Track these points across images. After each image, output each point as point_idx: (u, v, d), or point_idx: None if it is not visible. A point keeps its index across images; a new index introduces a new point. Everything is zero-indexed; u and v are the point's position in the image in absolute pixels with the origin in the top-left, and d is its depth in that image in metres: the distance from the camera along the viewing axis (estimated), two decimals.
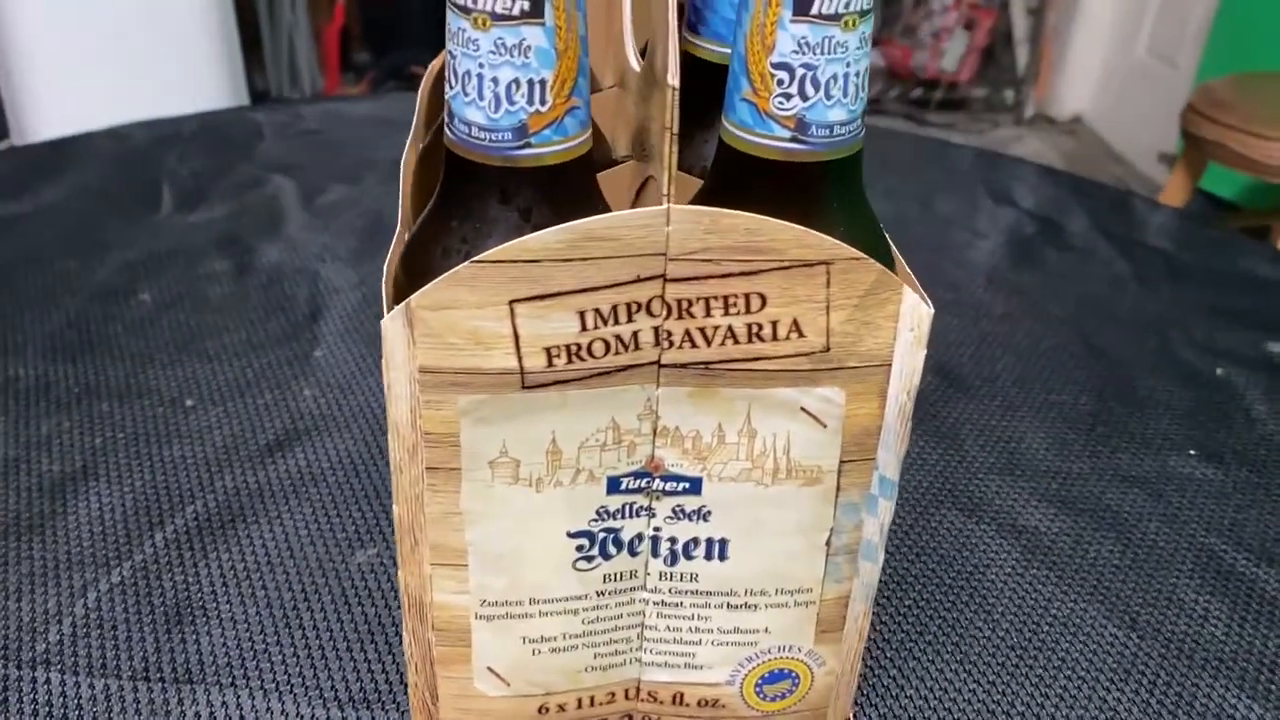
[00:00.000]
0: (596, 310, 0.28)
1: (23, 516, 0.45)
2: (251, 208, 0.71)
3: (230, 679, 0.38)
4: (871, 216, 0.32)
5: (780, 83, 0.28)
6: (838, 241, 0.28)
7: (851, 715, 0.38)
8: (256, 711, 0.37)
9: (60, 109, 1.47)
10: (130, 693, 0.38)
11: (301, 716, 0.37)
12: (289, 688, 0.38)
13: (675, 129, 0.27)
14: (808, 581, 0.34)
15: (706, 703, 0.36)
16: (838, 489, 0.32)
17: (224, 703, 0.38)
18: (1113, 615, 0.43)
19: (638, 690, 0.36)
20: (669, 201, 0.27)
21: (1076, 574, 0.45)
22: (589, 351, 0.29)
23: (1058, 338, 0.61)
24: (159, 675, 0.38)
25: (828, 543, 0.33)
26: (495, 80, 0.27)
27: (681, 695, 0.36)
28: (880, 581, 0.43)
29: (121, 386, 0.54)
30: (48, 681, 0.38)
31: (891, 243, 0.33)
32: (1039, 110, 2.69)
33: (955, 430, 0.53)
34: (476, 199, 0.29)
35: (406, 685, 0.38)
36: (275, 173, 0.75)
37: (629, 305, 0.28)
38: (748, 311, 0.29)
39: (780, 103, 0.28)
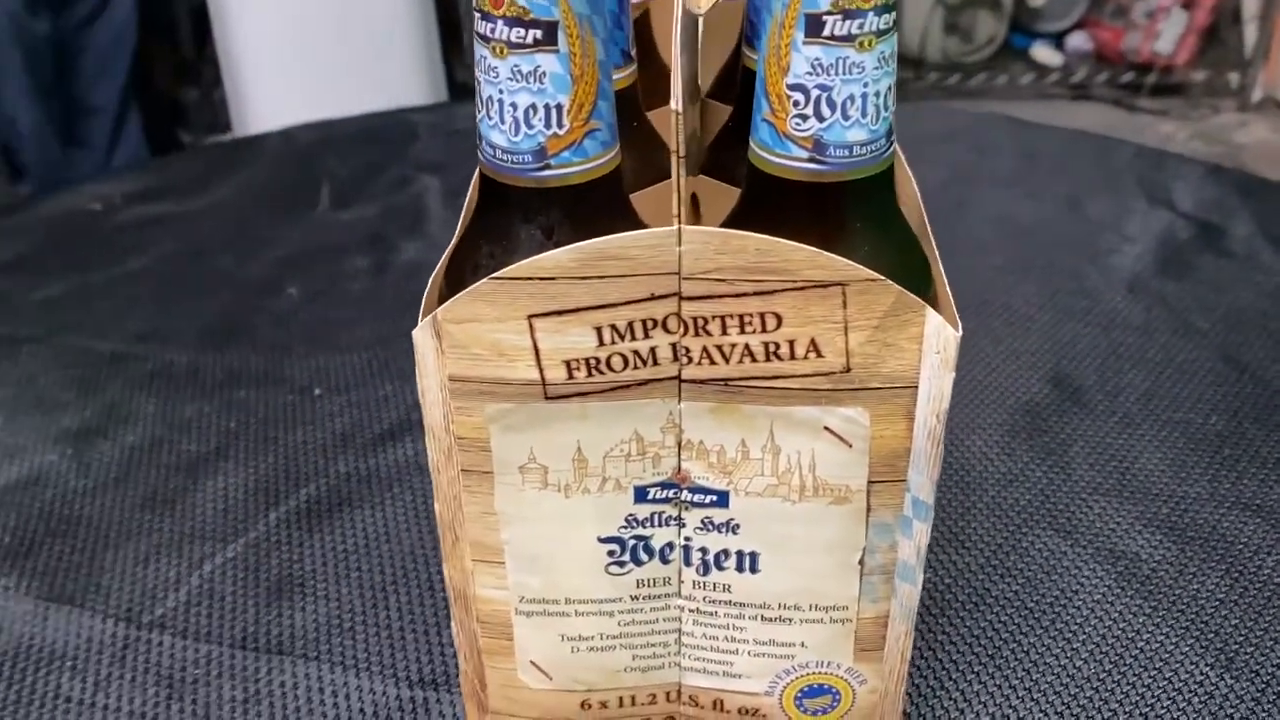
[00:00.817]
0: (613, 326, 0.29)
1: (159, 492, 0.50)
2: (398, 206, 0.75)
3: (315, 653, 0.41)
4: (904, 234, 0.32)
5: (796, 104, 0.28)
6: (851, 263, 0.28)
7: None
8: (334, 685, 0.40)
9: (273, 103, 1.58)
10: (228, 660, 0.41)
11: (374, 693, 0.40)
12: (365, 665, 0.41)
13: (682, 152, 0.27)
14: (843, 599, 0.34)
15: (747, 711, 0.36)
16: (868, 509, 0.32)
17: (306, 674, 0.41)
18: (1207, 652, 0.41)
19: (679, 694, 0.37)
20: (679, 222, 0.28)
21: (1173, 606, 0.43)
22: (608, 365, 0.30)
23: (1197, 352, 0.58)
24: (254, 645, 0.42)
25: (861, 562, 0.33)
26: (514, 105, 0.28)
27: (721, 702, 0.36)
28: (958, 600, 0.42)
29: (260, 374, 0.58)
30: (160, 644, 0.42)
31: (937, 261, 0.33)
32: (1268, 94, 2.49)
33: (1064, 447, 0.51)
34: (503, 217, 0.30)
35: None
36: (424, 172, 0.79)
37: (645, 322, 0.29)
38: (764, 330, 0.29)
39: (797, 123, 0.28)
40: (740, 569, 0.33)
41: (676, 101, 0.27)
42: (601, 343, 0.29)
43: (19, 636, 0.42)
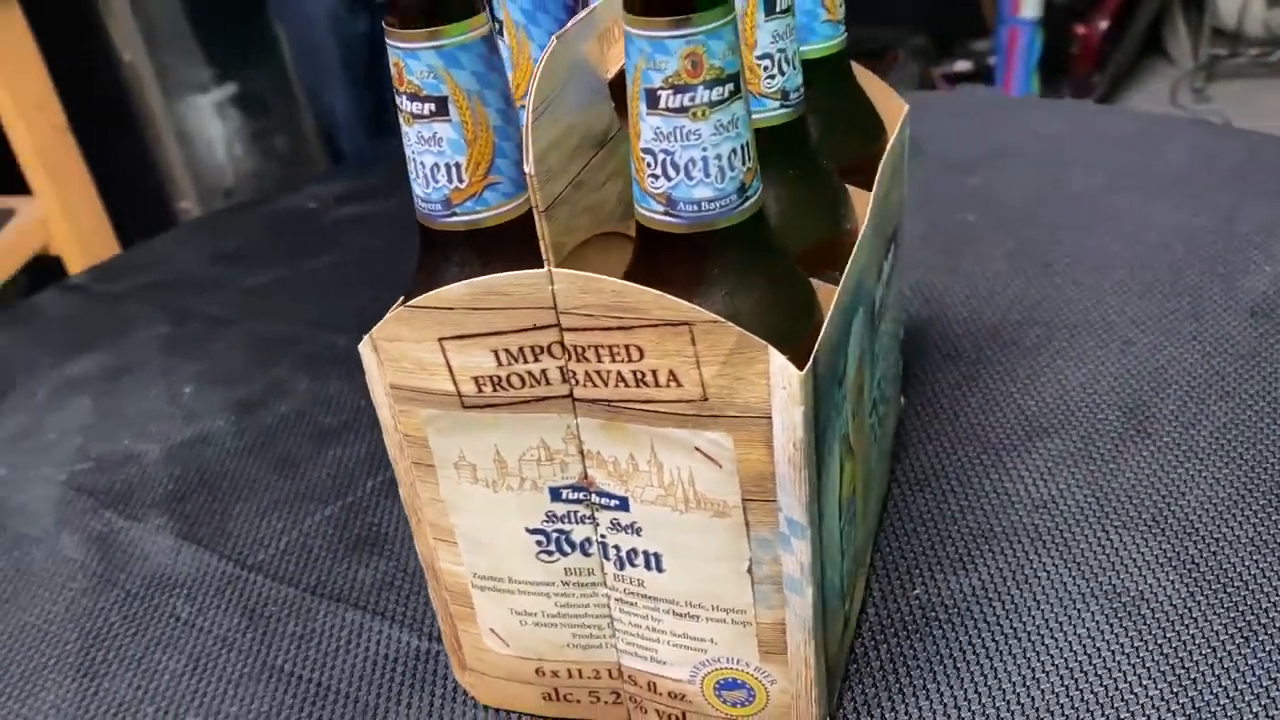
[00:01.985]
0: (506, 350, 0.34)
1: (290, 456, 0.60)
2: None
3: (365, 603, 0.49)
4: (773, 277, 0.34)
5: (649, 165, 0.32)
6: (694, 306, 0.31)
7: None
8: (370, 631, 0.48)
9: None
10: (299, 601, 0.50)
11: (398, 641, 0.47)
12: (400, 617, 0.48)
13: (541, 207, 0.32)
14: (739, 604, 0.37)
15: (675, 695, 0.40)
16: (747, 524, 0.35)
17: (352, 620, 0.48)
18: (1175, 698, 0.40)
19: (620, 672, 0.41)
20: (550, 265, 0.33)
21: (1160, 647, 0.42)
22: (508, 383, 0.35)
23: None
24: (322, 591, 0.50)
25: (750, 571, 0.36)
26: (423, 163, 0.34)
27: (654, 684, 0.40)
28: (940, 618, 0.44)
29: None
30: (254, 583, 0.51)
31: (835, 296, 0.35)
32: None
33: (1110, 478, 0.50)
34: (429, 254, 0.36)
35: None
36: None
37: (533, 348, 0.34)
38: (630, 360, 0.33)
39: (652, 182, 0.32)
40: (649, 567, 0.37)
41: (529, 164, 0.31)
42: (500, 364, 0.34)
43: (156, 566, 0.53)
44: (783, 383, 0.32)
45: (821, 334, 0.34)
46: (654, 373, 0.33)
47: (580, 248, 0.36)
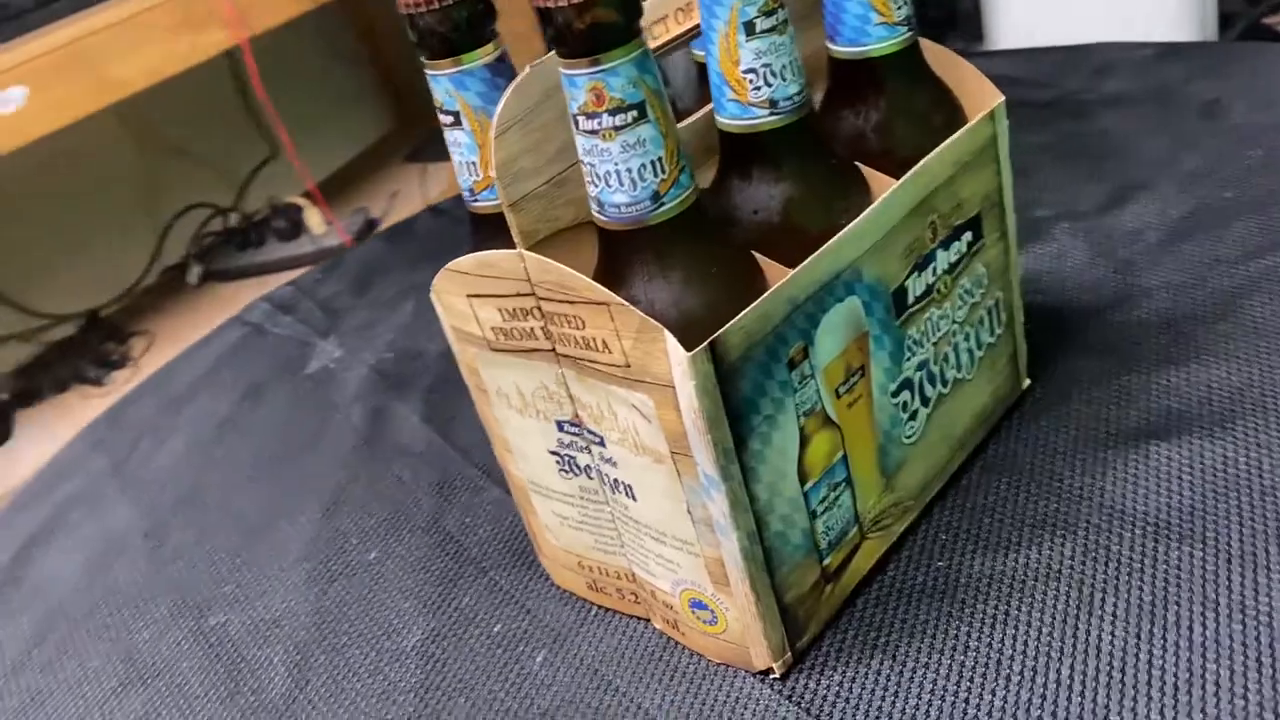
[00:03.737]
0: (507, 309, 0.44)
1: None
2: None
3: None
4: (697, 270, 0.40)
5: (585, 172, 0.39)
6: (607, 290, 0.39)
7: (776, 667, 0.46)
8: (508, 509, 0.60)
9: (1026, 19, 1.64)
10: (475, 479, 0.63)
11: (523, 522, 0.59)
12: None
13: (507, 203, 0.41)
14: (688, 537, 0.44)
15: (668, 605, 0.48)
16: (678, 472, 0.42)
17: (499, 498, 0.61)
18: (1118, 706, 0.41)
19: (634, 577, 0.50)
20: (520, 248, 0.41)
21: (1135, 651, 0.42)
22: (512, 335, 0.44)
23: None
24: (494, 476, 0.63)
25: (689, 511, 0.43)
26: (455, 160, 0.44)
27: (654, 593, 0.49)
28: (941, 590, 0.48)
29: None
30: (455, 459, 0.65)
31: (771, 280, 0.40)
32: None
33: (1189, 490, 0.48)
34: (471, 229, 0.46)
35: None
36: (1105, 106, 0.85)
37: (522, 309, 0.43)
38: (578, 328, 0.41)
39: (589, 187, 0.40)
40: (627, 495, 0.46)
41: (492, 170, 0.40)
42: (504, 319, 0.44)
43: (401, 438, 0.69)
44: (677, 360, 0.39)
45: (738, 318, 0.39)
46: (593, 339, 0.41)
47: (572, 231, 0.44)
